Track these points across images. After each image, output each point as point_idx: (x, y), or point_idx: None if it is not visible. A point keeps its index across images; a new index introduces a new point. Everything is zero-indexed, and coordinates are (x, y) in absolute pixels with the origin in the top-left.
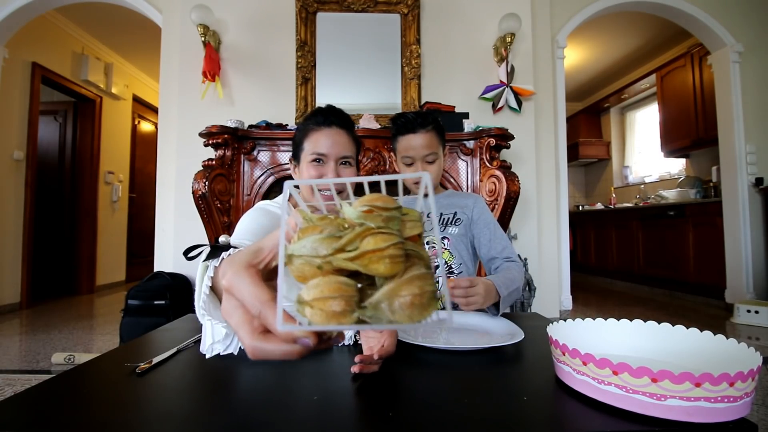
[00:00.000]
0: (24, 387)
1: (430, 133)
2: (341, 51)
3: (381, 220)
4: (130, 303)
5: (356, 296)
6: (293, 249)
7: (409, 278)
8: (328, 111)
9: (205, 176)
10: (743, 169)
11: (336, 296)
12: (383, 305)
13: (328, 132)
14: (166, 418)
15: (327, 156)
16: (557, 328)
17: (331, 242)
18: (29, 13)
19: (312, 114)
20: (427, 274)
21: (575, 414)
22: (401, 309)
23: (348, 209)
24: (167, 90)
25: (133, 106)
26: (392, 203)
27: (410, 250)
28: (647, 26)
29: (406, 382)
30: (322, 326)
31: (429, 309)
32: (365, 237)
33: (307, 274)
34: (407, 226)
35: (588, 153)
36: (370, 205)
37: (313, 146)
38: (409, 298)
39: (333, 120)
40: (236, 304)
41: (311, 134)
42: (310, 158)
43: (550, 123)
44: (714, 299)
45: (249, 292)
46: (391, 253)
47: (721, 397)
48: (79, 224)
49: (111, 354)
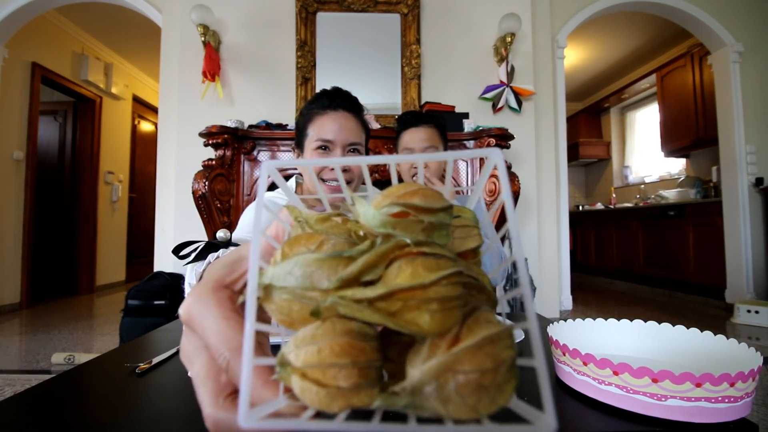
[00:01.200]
0: (24, 387)
1: (431, 129)
2: (341, 51)
3: (421, 231)
4: (130, 303)
5: (378, 362)
6: (272, 276)
7: (477, 343)
8: (334, 93)
9: (205, 176)
10: (743, 169)
11: (344, 363)
12: (428, 389)
13: (335, 116)
14: (166, 418)
15: (333, 142)
16: (557, 328)
17: (335, 266)
18: (29, 13)
19: (316, 96)
20: (500, 330)
21: (575, 414)
22: (460, 396)
23: (365, 208)
24: (167, 90)
25: (133, 106)
26: (439, 200)
27: (470, 280)
28: (647, 26)
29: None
30: (317, 426)
31: (506, 392)
32: (395, 261)
33: (296, 318)
34: (458, 237)
35: (588, 153)
36: (404, 204)
37: (317, 132)
38: (476, 376)
39: (339, 103)
40: (198, 345)
41: (316, 118)
42: (315, 145)
43: (550, 123)
44: (714, 299)
45: (214, 330)
46: (441, 294)
47: (722, 397)
48: (79, 224)
49: (111, 354)
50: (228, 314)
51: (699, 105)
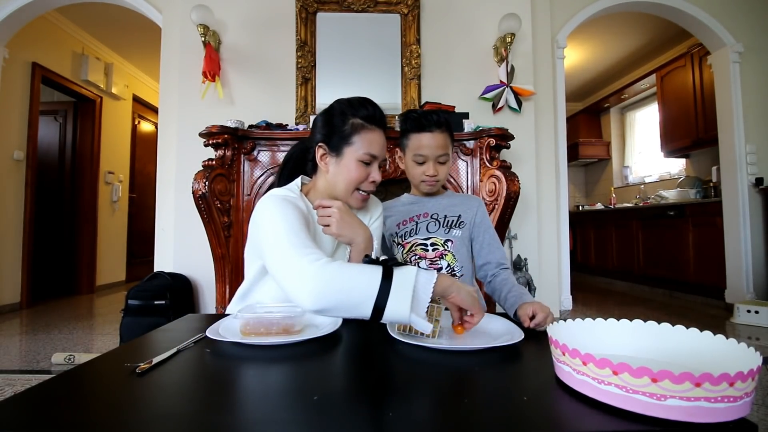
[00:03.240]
0: (24, 387)
1: (444, 134)
2: (341, 51)
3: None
4: (130, 303)
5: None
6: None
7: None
8: (381, 114)
9: (205, 176)
10: (743, 169)
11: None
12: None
13: (380, 134)
14: (166, 418)
15: (377, 158)
16: (557, 328)
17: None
18: (29, 13)
19: (363, 107)
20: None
21: (575, 414)
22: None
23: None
24: (167, 90)
25: (133, 106)
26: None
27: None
28: (647, 26)
29: (406, 382)
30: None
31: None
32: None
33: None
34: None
35: (588, 153)
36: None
37: (368, 146)
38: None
39: (383, 125)
40: None
41: (365, 132)
42: (363, 158)
43: (550, 123)
44: (714, 299)
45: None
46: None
47: (721, 397)
48: (79, 224)
49: (111, 354)
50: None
51: (699, 105)
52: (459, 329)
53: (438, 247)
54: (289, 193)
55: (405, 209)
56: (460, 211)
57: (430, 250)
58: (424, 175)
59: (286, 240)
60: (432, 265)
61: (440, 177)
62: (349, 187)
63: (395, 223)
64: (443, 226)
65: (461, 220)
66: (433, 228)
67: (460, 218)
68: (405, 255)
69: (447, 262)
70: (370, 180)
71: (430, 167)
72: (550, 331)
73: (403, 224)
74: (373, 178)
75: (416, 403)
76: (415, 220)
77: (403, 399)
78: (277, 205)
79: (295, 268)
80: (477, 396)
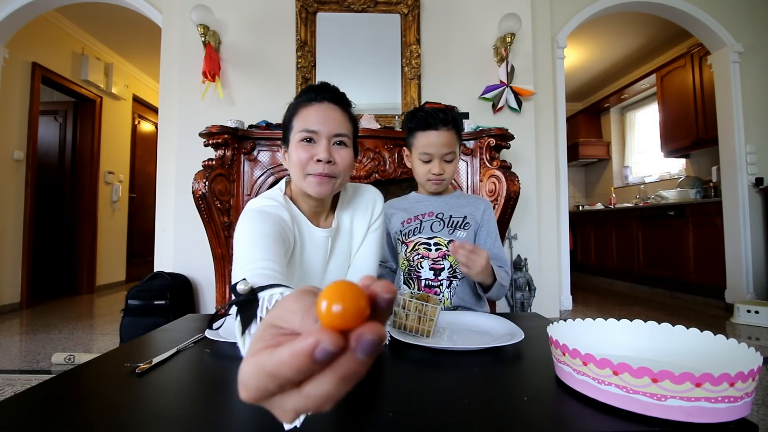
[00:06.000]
0: (24, 387)
1: (451, 132)
2: (341, 51)
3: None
4: (130, 303)
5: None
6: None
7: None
8: (320, 86)
9: (205, 176)
10: (743, 169)
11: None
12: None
13: (319, 107)
14: (166, 419)
15: (318, 133)
16: (557, 328)
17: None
18: (29, 13)
19: (302, 91)
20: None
21: (575, 414)
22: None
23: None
24: (167, 90)
25: (133, 106)
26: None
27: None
28: (647, 26)
29: (406, 383)
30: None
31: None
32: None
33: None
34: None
35: (588, 153)
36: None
37: (302, 123)
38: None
39: (325, 95)
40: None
41: (301, 111)
42: (299, 137)
43: (550, 123)
44: (714, 299)
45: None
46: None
47: (722, 397)
48: (79, 224)
49: (111, 354)
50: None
51: (699, 105)
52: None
53: (441, 247)
54: (270, 202)
55: (411, 207)
56: (467, 212)
57: (433, 250)
58: (430, 174)
59: (238, 259)
60: (434, 265)
61: (446, 175)
62: (299, 173)
63: (400, 220)
64: (448, 226)
65: (467, 222)
66: (437, 227)
67: (466, 219)
68: (408, 254)
69: (449, 263)
70: (316, 159)
71: (436, 165)
72: (550, 332)
73: (407, 222)
74: (319, 157)
75: (416, 403)
76: (420, 218)
77: (403, 399)
78: (248, 219)
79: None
80: (477, 396)
